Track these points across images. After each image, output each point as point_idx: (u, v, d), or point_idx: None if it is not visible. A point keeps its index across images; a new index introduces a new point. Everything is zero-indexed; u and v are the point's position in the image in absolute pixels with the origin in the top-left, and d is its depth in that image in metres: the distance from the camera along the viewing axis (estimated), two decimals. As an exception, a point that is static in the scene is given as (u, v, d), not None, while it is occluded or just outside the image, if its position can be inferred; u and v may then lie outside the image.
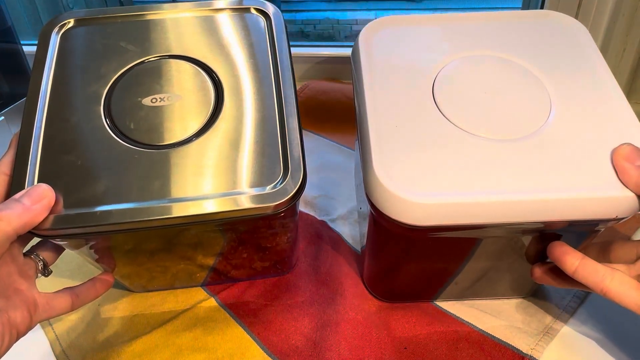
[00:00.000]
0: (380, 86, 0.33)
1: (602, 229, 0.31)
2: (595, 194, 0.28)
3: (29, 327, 0.31)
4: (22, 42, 0.76)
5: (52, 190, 0.30)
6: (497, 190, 0.28)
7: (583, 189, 0.28)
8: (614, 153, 0.29)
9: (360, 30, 0.37)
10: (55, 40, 0.36)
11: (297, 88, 0.33)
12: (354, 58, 0.37)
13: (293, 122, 0.32)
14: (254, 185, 0.29)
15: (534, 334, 0.39)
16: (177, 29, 0.37)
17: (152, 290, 0.43)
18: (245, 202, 0.29)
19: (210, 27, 0.37)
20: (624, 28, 0.69)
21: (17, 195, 0.29)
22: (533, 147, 0.30)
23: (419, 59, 0.35)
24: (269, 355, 0.38)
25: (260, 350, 0.39)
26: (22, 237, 0.30)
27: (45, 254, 0.34)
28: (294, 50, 0.82)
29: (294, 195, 0.29)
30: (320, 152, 0.68)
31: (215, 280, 0.44)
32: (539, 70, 0.34)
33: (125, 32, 0.36)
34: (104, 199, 0.29)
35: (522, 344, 0.38)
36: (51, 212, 0.29)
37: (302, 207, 0.55)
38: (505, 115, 0.32)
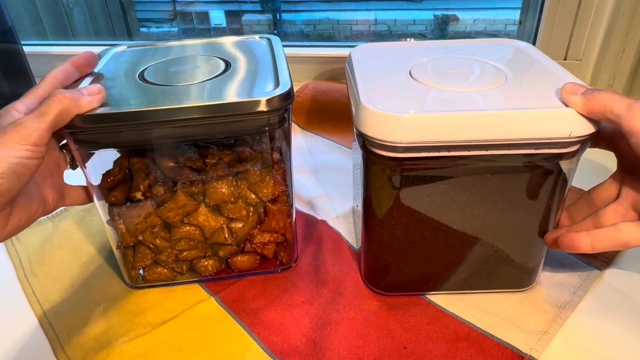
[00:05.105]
0: (368, 71, 0.41)
1: (568, 165, 0.35)
2: (549, 109, 0.33)
3: (55, 208, 0.38)
4: (22, 42, 0.76)
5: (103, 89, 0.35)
6: (464, 108, 0.34)
7: (539, 106, 0.34)
8: (561, 91, 0.34)
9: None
10: (110, 53, 0.47)
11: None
12: (348, 65, 0.45)
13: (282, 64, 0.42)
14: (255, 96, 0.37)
15: (534, 333, 0.39)
16: (198, 48, 0.49)
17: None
18: (251, 101, 0.36)
19: (225, 44, 0.49)
20: (624, 28, 0.69)
21: (79, 87, 0.35)
22: (494, 93, 0.36)
23: (399, 58, 0.44)
24: (269, 355, 0.38)
25: (261, 350, 0.39)
26: (58, 133, 0.34)
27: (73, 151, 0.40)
28: (294, 50, 0.83)
29: (283, 96, 0.36)
30: (320, 152, 0.68)
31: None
32: (496, 62, 0.42)
33: (163, 50, 0.49)
34: (135, 105, 0.36)
35: (521, 343, 0.38)
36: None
37: (302, 207, 0.56)
38: (470, 80, 0.39)
